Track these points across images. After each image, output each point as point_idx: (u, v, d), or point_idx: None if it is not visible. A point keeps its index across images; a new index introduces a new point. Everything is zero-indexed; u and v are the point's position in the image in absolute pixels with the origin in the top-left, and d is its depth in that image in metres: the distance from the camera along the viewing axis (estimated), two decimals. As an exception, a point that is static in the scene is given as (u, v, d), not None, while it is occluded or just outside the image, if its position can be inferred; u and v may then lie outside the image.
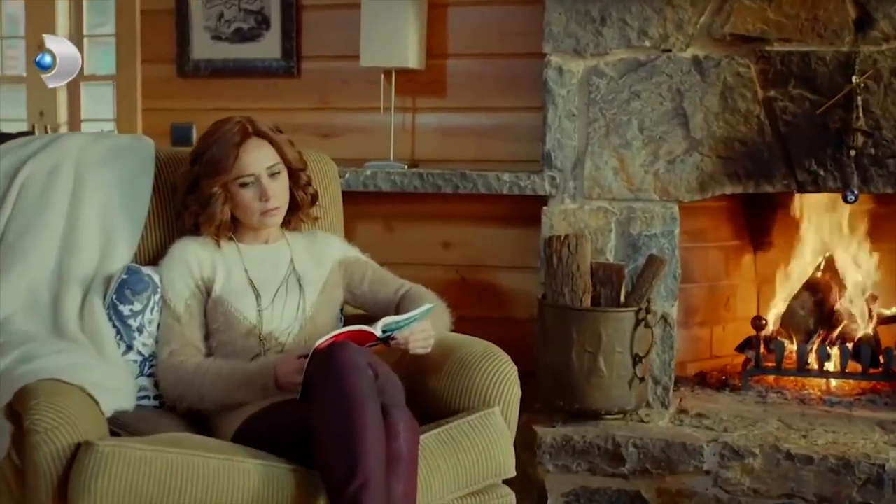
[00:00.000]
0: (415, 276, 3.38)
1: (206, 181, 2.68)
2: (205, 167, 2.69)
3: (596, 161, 3.50)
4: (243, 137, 2.68)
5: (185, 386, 2.58)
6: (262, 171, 2.67)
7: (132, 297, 2.67)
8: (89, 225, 2.77)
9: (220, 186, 2.68)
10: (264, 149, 2.71)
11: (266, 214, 2.70)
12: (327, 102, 4.05)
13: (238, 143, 2.67)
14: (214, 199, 2.68)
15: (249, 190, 2.68)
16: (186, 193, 2.74)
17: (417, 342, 2.56)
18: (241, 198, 2.68)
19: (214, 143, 2.69)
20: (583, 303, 3.29)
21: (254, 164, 2.67)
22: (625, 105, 3.47)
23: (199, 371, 2.57)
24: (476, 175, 3.65)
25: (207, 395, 2.55)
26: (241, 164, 2.66)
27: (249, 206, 2.69)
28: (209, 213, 2.69)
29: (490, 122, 3.90)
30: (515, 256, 3.79)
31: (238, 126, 2.70)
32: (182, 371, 2.59)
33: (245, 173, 2.66)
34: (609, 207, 3.52)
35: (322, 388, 2.27)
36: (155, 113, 4.19)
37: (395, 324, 2.49)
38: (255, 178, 2.67)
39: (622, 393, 3.31)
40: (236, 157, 2.65)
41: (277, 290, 2.73)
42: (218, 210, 2.69)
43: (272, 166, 2.70)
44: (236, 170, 2.65)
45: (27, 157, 2.81)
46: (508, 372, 2.61)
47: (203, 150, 2.71)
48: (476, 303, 3.80)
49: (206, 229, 2.72)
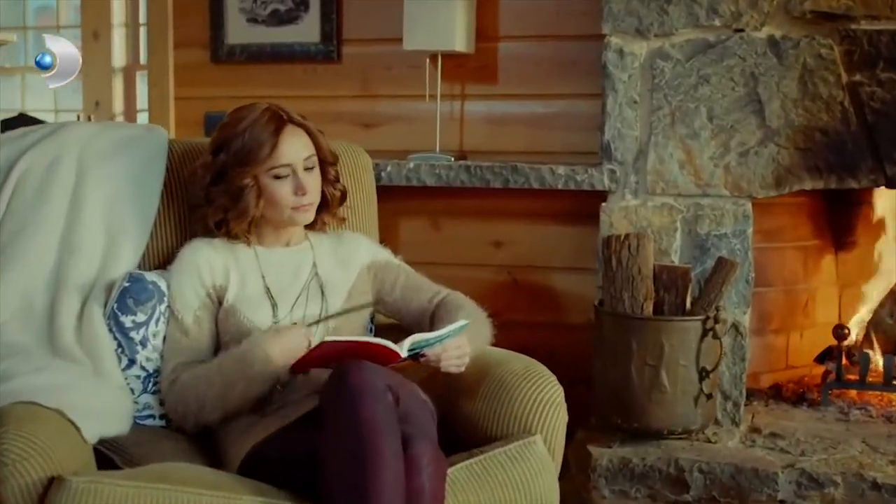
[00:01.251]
0: (463, 277, 3.28)
1: (237, 171, 2.43)
2: (234, 156, 2.44)
3: (660, 153, 3.24)
4: (280, 125, 2.45)
5: (185, 401, 2.33)
6: (298, 163, 2.45)
7: (135, 306, 2.42)
8: (91, 224, 2.53)
9: (251, 178, 2.43)
10: (301, 138, 2.49)
11: (298, 210, 2.47)
12: (369, 89, 3.83)
13: (275, 130, 2.44)
14: (247, 191, 2.44)
15: (284, 183, 2.44)
16: (211, 185, 2.49)
17: (451, 360, 2.29)
18: (273, 191, 2.44)
19: (246, 130, 2.44)
20: (644, 310, 3.02)
21: (291, 154, 2.44)
22: (692, 91, 3.20)
23: (194, 377, 2.33)
24: (528, 168, 3.40)
25: (208, 400, 2.29)
26: (279, 154, 2.43)
27: (282, 200, 2.45)
28: (241, 208, 2.45)
29: (544, 111, 3.66)
30: (571, 257, 3.56)
31: (271, 113, 2.47)
32: (179, 386, 2.36)
33: (281, 163, 2.43)
34: (674, 204, 3.25)
35: (333, 414, 2.00)
36: (188, 102, 3.99)
37: (425, 341, 2.21)
38: (292, 170, 2.44)
39: (687, 411, 3.02)
40: (274, 145, 2.42)
41: (297, 299, 2.47)
42: (251, 204, 2.44)
43: (308, 158, 2.48)
44: (273, 159, 2.42)
45: (25, 149, 2.57)
46: (553, 395, 2.30)
47: (230, 137, 2.46)
48: (528, 306, 3.61)
49: (236, 226, 2.47)
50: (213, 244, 2.51)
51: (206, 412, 2.30)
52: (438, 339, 2.22)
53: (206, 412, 2.30)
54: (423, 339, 2.21)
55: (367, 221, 2.88)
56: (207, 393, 2.28)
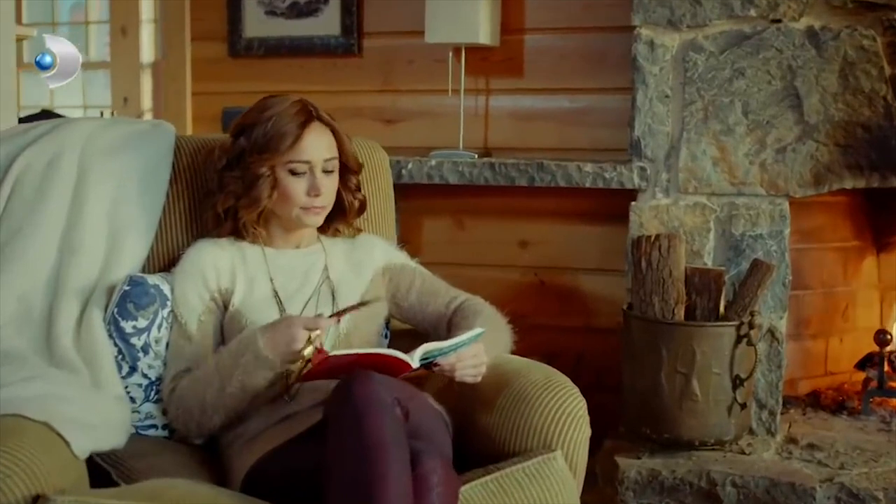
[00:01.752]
0: (488, 278, 3.34)
1: (255, 158, 2.32)
2: (255, 142, 2.33)
3: (692, 150, 3.10)
4: (307, 119, 2.35)
5: (186, 406, 2.22)
6: (318, 162, 2.34)
7: (135, 311, 2.30)
8: (93, 224, 2.42)
9: (268, 167, 2.33)
10: (326, 138, 2.38)
11: (308, 212, 2.35)
12: (391, 84, 3.74)
13: (302, 123, 2.33)
14: (262, 181, 2.32)
15: (299, 179, 2.33)
16: (225, 170, 2.38)
17: (466, 369, 2.17)
18: (286, 186, 2.33)
19: (272, 118, 2.33)
20: (675, 315, 2.88)
21: (313, 151, 2.33)
22: (727, 85, 3.06)
23: (193, 381, 2.22)
24: (555, 166, 3.29)
25: (207, 402, 2.18)
26: (300, 148, 2.32)
27: (293, 197, 2.33)
28: (253, 197, 2.34)
29: (572, 106, 3.55)
30: (600, 258, 3.46)
31: (301, 106, 2.37)
32: (178, 393, 2.24)
33: (301, 158, 2.32)
34: (707, 203, 3.12)
35: (337, 429, 1.87)
36: (205, 97, 3.92)
37: (439, 350, 2.08)
38: (310, 168, 2.33)
39: (719, 421, 2.88)
40: (297, 138, 2.31)
41: (306, 303, 2.35)
42: (264, 194, 2.33)
43: (330, 160, 2.37)
44: (293, 152, 2.31)
45: (25, 145, 2.46)
46: (575, 407, 2.16)
47: (254, 123, 2.35)
48: (556, 309, 3.53)
49: (245, 215, 2.36)
50: (220, 245, 2.40)
51: (207, 415, 2.19)
52: (453, 348, 2.10)
53: (208, 415, 2.19)
54: (437, 348, 2.08)
55: (383, 222, 2.76)
56: (206, 394, 2.17)
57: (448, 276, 3.33)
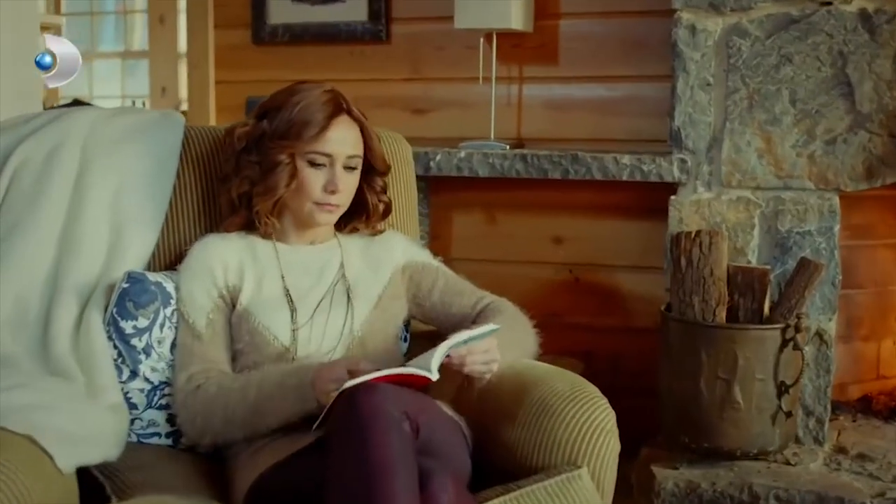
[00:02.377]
0: (521, 275, 3.33)
1: (276, 144, 2.19)
2: (278, 127, 2.20)
3: (736, 141, 2.96)
4: (336, 111, 2.22)
5: (208, 413, 2.08)
6: (340, 157, 2.20)
7: (135, 310, 2.17)
8: (95, 219, 2.29)
9: (289, 155, 2.19)
10: (353, 133, 2.25)
11: (321, 208, 2.21)
12: (420, 72, 3.62)
13: (330, 114, 2.20)
14: (280, 168, 2.19)
15: (318, 173, 2.19)
16: (244, 153, 2.25)
17: (476, 363, 2.01)
18: (303, 177, 2.19)
19: (299, 103, 2.20)
20: (716, 317, 2.73)
21: (336, 145, 2.19)
22: (773, 72, 2.92)
23: (222, 389, 2.08)
24: (590, 158, 3.16)
25: (235, 415, 2.04)
26: (324, 139, 2.18)
27: (308, 190, 2.19)
28: (269, 185, 2.20)
29: (609, 95, 3.42)
30: (638, 254, 3.34)
31: (331, 96, 2.24)
32: (202, 396, 2.09)
33: (323, 150, 2.18)
34: (752, 198, 2.98)
35: (339, 446, 1.73)
36: (229, 86, 3.82)
37: (450, 347, 1.94)
38: (330, 162, 2.20)
39: (763, 430, 2.73)
40: (322, 128, 2.18)
41: (320, 303, 2.21)
42: (282, 183, 2.19)
43: (353, 157, 2.23)
44: (316, 143, 2.17)
45: (25, 136, 2.34)
46: (602, 420, 2.00)
47: (279, 106, 2.22)
48: (591, 308, 3.43)
49: (260, 202, 2.22)
50: (228, 239, 2.26)
51: (230, 429, 2.06)
52: (463, 341, 1.95)
53: (231, 429, 2.06)
54: (449, 346, 1.93)
55: (406, 218, 2.61)
56: (237, 409, 2.04)
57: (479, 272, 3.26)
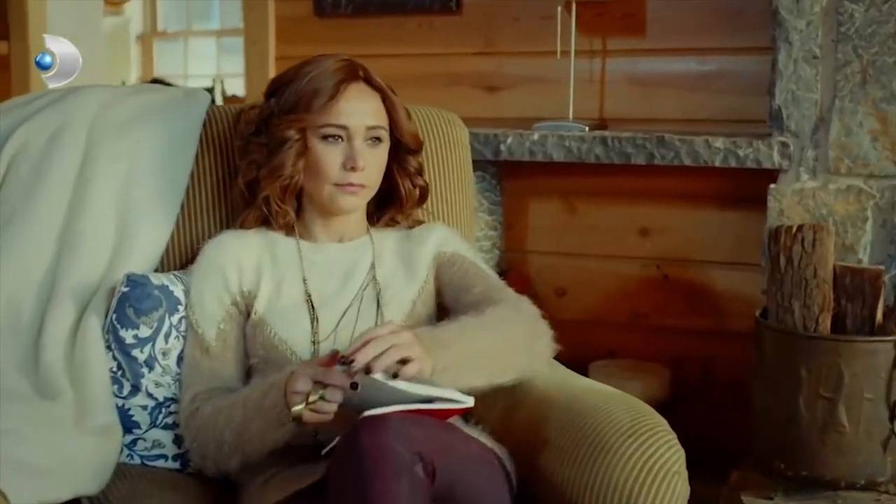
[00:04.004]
0: (603, 271, 3.16)
1: (282, 119, 1.93)
2: (286, 101, 1.94)
3: (846, 122, 2.67)
4: (349, 77, 1.93)
5: (203, 437, 1.82)
6: (358, 129, 1.91)
7: (136, 318, 1.93)
8: (99, 213, 2.05)
9: (297, 130, 1.92)
10: (372, 102, 1.95)
11: (342, 189, 1.92)
12: (493, 45, 3.33)
13: (341, 81, 1.91)
14: (287, 145, 1.92)
15: (333, 148, 1.91)
16: (253, 135, 2.00)
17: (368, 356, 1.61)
18: (318, 155, 1.91)
19: (308, 74, 1.94)
20: (819, 325, 2.39)
21: (351, 115, 1.91)
22: (891, 41, 2.62)
23: (215, 409, 1.82)
24: (678, 140, 2.85)
25: (225, 441, 1.78)
26: (336, 109, 1.90)
27: (325, 169, 1.91)
28: (275, 164, 1.93)
29: (701, 69, 3.12)
30: (733, 249, 3.05)
31: (345, 63, 1.95)
32: (199, 418, 1.84)
33: (336, 122, 1.90)
34: (864, 187, 2.68)
35: (338, 494, 1.45)
36: (289, 62, 3.43)
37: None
38: (348, 135, 1.91)
39: (872, 457, 2.38)
40: (332, 97, 1.90)
41: (346, 311, 1.92)
42: (288, 162, 1.92)
43: (375, 128, 1.93)
44: (327, 114, 1.90)
45: (25, 118, 2.12)
46: (668, 460, 1.66)
47: (288, 80, 1.97)
48: (681, 308, 3.15)
49: (268, 187, 1.95)
50: (246, 238, 2.00)
51: (224, 455, 1.79)
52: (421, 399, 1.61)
53: (224, 455, 1.79)
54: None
55: (461, 210, 2.31)
56: (225, 431, 1.78)
57: (557, 266, 3.11)
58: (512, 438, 1.83)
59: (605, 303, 3.17)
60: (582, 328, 3.14)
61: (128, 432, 1.94)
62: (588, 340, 3.14)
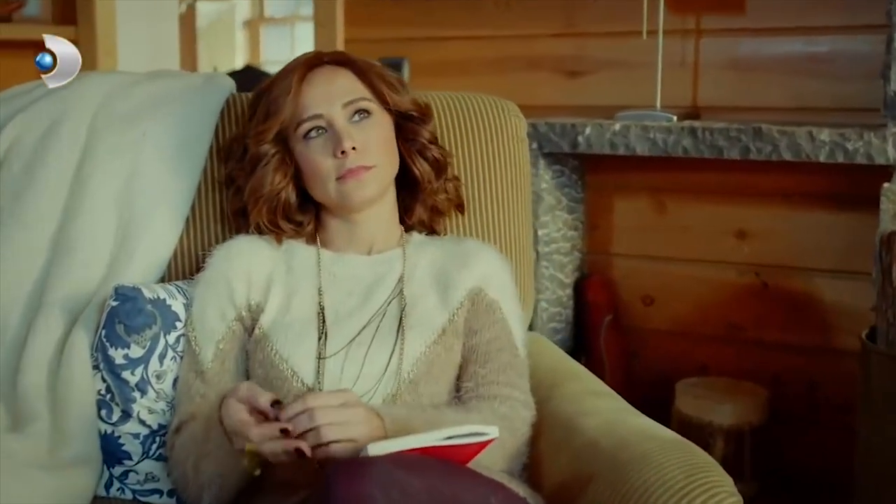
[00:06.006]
0: (695, 277, 2.94)
1: (253, 136, 1.72)
2: (256, 116, 1.74)
3: None
4: (312, 63, 1.72)
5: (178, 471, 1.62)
6: (334, 111, 1.67)
7: (126, 336, 1.69)
8: (97, 215, 1.83)
9: (272, 143, 1.70)
10: (341, 78, 1.71)
11: (345, 180, 1.66)
12: (574, 26, 3.03)
13: (303, 70, 1.71)
14: (264, 161, 1.70)
15: (319, 142, 1.68)
16: (237, 163, 1.79)
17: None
18: (308, 158, 1.69)
19: (271, 81, 1.75)
20: None
21: (319, 99, 1.68)
22: None
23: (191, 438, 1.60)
24: (777, 132, 2.52)
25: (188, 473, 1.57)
26: (303, 101, 1.69)
27: (318, 166, 1.68)
28: (254, 186, 1.72)
29: (808, 50, 2.78)
30: (841, 256, 2.75)
31: (306, 57, 1.74)
32: (178, 447, 1.63)
33: (308, 114, 1.68)
34: None
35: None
36: (360, 45, 3.32)
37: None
38: (328, 122, 1.67)
39: None
40: (295, 92, 1.69)
41: (362, 330, 1.65)
42: (267, 179, 1.70)
43: (353, 102, 1.69)
44: (296, 110, 1.69)
45: (22, 108, 1.91)
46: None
47: (256, 96, 1.78)
48: (782, 321, 2.86)
49: (252, 211, 1.73)
50: (261, 243, 1.76)
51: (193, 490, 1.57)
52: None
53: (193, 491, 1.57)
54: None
55: (513, 214, 2.00)
56: (189, 461, 1.57)
57: (645, 271, 2.91)
58: (550, 485, 1.57)
59: (697, 313, 2.90)
60: (670, 341, 2.92)
61: (118, 463, 1.72)
62: (676, 355, 2.90)
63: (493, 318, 1.70)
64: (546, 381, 1.78)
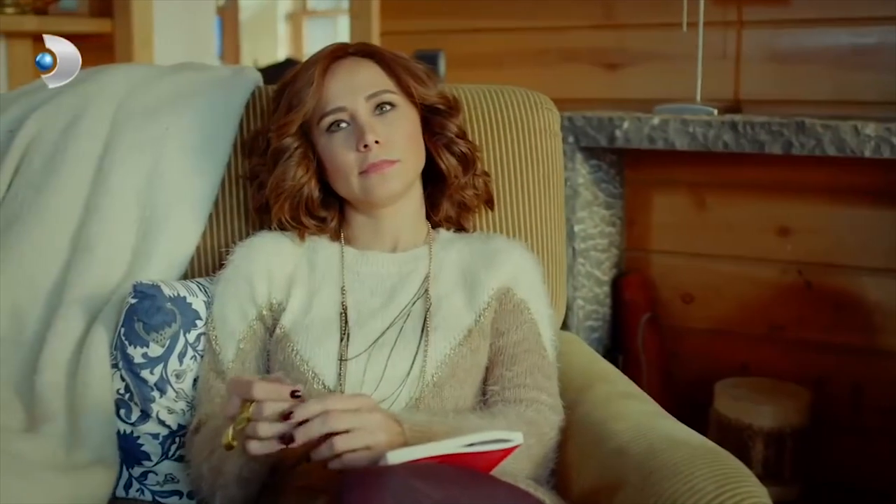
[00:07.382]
0: (737, 275, 2.86)
1: (274, 130, 1.68)
2: (278, 110, 1.70)
3: None
4: (335, 55, 1.68)
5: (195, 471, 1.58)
6: (357, 104, 1.63)
7: (145, 334, 1.66)
8: (118, 211, 1.79)
9: (294, 136, 1.67)
10: (365, 70, 1.67)
11: (368, 176, 1.62)
12: (613, 17, 2.95)
13: (326, 63, 1.66)
14: (287, 154, 1.67)
15: (342, 136, 1.64)
16: (256, 156, 1.76)
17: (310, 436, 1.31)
18: (330, 151, 1.65)
19: (293, 73, 1.70)
20: None
21: (343, 92, 1.65)
22: None
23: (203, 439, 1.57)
24: (820, 126, 2.44)
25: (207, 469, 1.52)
26: (326, 95, 1.65)
27: (341, 160, 1.63)
28: (277, 180, 1.68)
29: (854, 42, 2.68)
30: (888, 254, 2.65)
31: (328, 50, 1.69)
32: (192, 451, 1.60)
33: (330, 107, 1.64)
34: None
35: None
36: (396, 38, 3.27)
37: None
38: (350, 115, 1.63)
39: None
40: (318, 85, 1.65)
41: (386, 331, 1.61)
42: (290, 172, 1.66)
43: (376, 94, 1.64)
44: (319, 102, 1.65)
45: (40, 103, 1.87)
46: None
47: (278, 91, 1.73)
48: (826, 321, 2.77)
49: (278, 211, 1.70)
50: (284, 240, 1.72)
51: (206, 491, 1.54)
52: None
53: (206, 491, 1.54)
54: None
55: (544, 211, 1.94)
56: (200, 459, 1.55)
57: (685, 269, 2.87)
58: (578, 491, 1.52)
59: (738, 312, 2.82)
60: (710, 340, 2.85)
61: (137, 464, 1.69)
62: (717, 354, 2.82)
63: (521, 318, 1.65)
64: (576, 383, 1.72)
